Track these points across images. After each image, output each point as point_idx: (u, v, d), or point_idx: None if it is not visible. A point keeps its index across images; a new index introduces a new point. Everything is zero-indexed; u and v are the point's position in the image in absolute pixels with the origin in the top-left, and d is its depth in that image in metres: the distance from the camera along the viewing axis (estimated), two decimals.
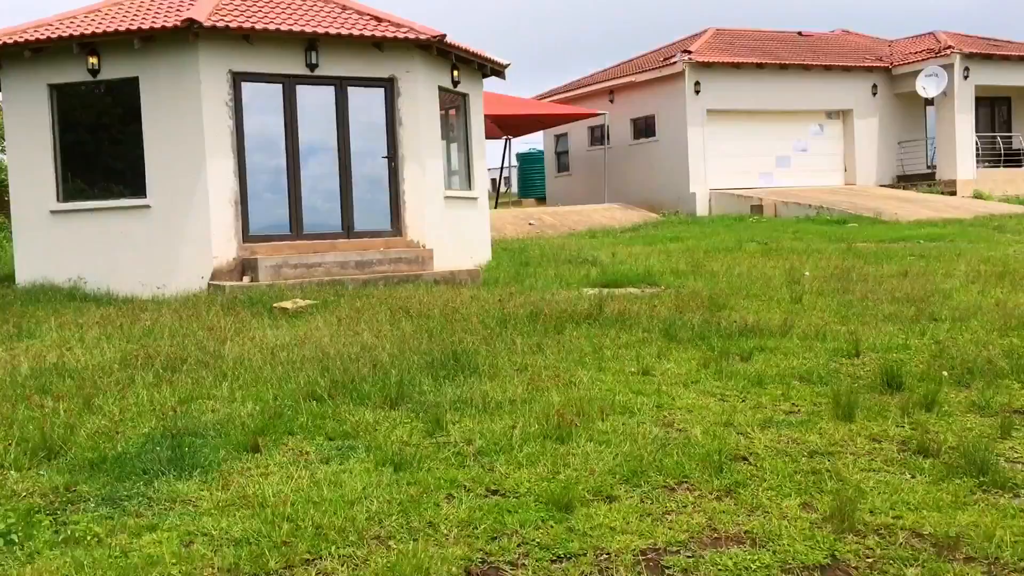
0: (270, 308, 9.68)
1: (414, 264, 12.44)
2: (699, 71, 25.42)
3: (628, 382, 6.30)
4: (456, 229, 14.44)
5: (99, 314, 9.71)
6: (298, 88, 12.71)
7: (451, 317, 8.46)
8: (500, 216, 23.20)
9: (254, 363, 6.83)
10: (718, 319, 8.48)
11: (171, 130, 12.18)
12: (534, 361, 6.88)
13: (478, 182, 15.55)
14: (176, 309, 9.79)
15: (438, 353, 6.88)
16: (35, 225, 12.67)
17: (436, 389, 6.09)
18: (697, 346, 7.47)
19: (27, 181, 12.68)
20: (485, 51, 15.24)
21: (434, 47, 13.32)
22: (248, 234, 12.40)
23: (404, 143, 13.32)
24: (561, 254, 15.63)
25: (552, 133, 31.84)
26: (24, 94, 12.61)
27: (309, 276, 11.77)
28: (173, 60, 12.10)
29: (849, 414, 5.46)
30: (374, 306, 9.39)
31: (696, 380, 6.42)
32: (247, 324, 8.76)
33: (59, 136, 12.61)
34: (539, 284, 11.85)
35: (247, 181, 12.40)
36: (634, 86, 27.23)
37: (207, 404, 5.87)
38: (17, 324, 9.26)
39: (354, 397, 5.89)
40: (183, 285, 11.87)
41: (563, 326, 8.17)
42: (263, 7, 12.88)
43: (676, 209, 25.58)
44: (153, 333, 8.31)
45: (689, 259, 14.33)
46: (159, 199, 12.26)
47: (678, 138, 25.71)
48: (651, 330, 8.03)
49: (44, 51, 12.30)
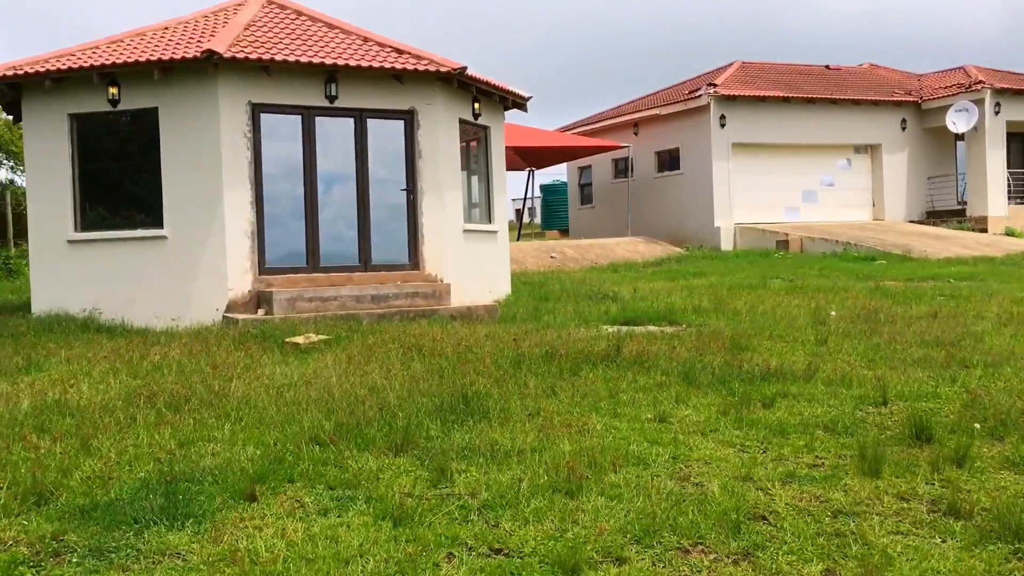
0: (281, 343, 9.52)
1: (431, 299, 12.27)
2: (725, 104, 25.25)
3: (643, 430, 6.05)
4: (475, 263, 14.27)
5: (109, 347, 9.59)
6: (317, 120, 12.64)
7: (464, 356, 8.25)
8: (522, 248, 23.04)
9: (259, 403, 6.65)
10: (740, 361, 8.21)
11: (189, 161, 12.13)
12: (547, 405, 6.65)
13: (498, 215, 15.40)
14: (187, 343, 9.64)
15: (448, 395, 6.67)
16: (52, 254, 12.63)
17: (444, 435, 5.87)
18: (717, 391, 7.21)
19: (45, 210, 12.66)
20: (507, 84, 15.15)
21: (455, 79, 13.23)
22: (264, 266, 12.29)
23: (423, 176, 13.20)
24: (581, 289, 15.42)
25: (576, 165, 31.76)
26: (45, 123, 12.62)
27: (324, 310, 11.62)
28: (192, 91, 12.07)
29: (876, 469, 5.18)
30: (386, 343, 9.20)
31: (715, 428, 6.16)
32: (257, 360, 8.59)
33: (78, 165, 12.60)
34: (557, 321, 11.63)
35: (264, 213, 12.31)
36: (659, 119, 27.10)
37: (207, 447, 5.68)
38: (27, 356, 9.15)
39: (358, 442, 5.68)
40: (198, 317, 11.76)
41: (579, 367, 7.94)
42: (284, 38, 12.87)
43: (700, 243, 25.31)
44: (161, 369, 8.15)
45: (712, 296, 14.06)
46: (175, 230, 12.19)
47: (703, 171, 25.50)
48: (670, 373, 7.78)
49: (65, 81, 12.32)
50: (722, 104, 25.21)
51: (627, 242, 24.81)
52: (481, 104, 14.49)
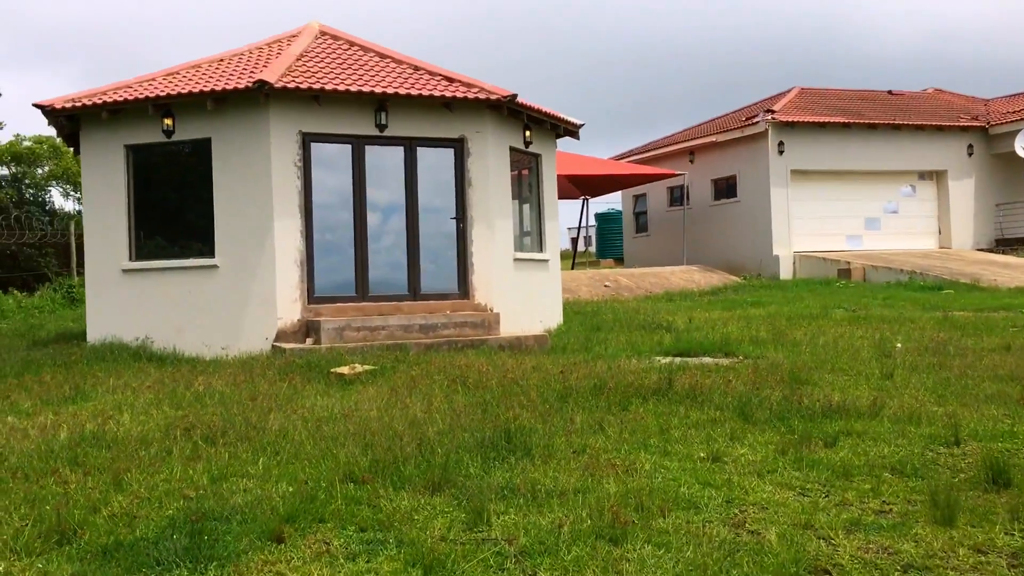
0: (327, 373, 9.36)
1: (479, 328, 12.05)
2: (783, 131, 24.77)
3: (696, 470, 5.71)
4: (526, 292, 14.04)
5: (156, 376, 9.53)
6: (367, 148, 12.58)
7: (509, 389, 7.98)
8: (575, 277, 22.77)
9: (297, 437, 6.46)
10: (799, 396, 7.82)
11: (240, 190, 12.14)
12: (593, 442, 6.34)
13: (549, 244, 15.16)
14: (232, 373, 9.54)
15: (490, 431, 6.40)
16: (107, 283, 12.71)
17: (484, 473, 5.61)
18: (775, 428, 6.83)
19: (101, 239, 12.77)
20: (559, 111, 14.97)
21: (505, 107, 13.07)
22: (313, 295, 12.20)
23: (473, 204, 13.04)
24: (635, 319, 15.07)
25: (631, 193, 31.44)
26: (101, 154, 12.75)
27: (372, 339, 11.47)
28: (244, 121, 12.09)
29: (949, 517, 4.78)
30: (432, 374, 8.99)
31: (773, 469, 5.79)
32: (300, 391, 8.44)
33: (133, 196, 12.70)
34: (608, 352, 11.31)
35: (314, 242, 12.25)
36: (715, 146, 26.69)
37: (240, 483, 5.49)
38: (75, 385, 9.13)
39: (395, 479, 5.44)
40: (247, 346, 11.71)
41: (629, 401, 7.62)
42: (335, 68, 12.86)
43: (758, 272, 24.77)
44: (203, 399, 8.03)
45: (770, 326, 13.61)
46: (227, 259, 12.18)
47: (761, 199, 25.01)
48: (724, 408, 7.42)
49: (121, 112, 12.44)
50: (780, 130, 24.73)
51: (682, 271, 24.37)
52: (532, 132, 14.31)
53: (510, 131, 13.87)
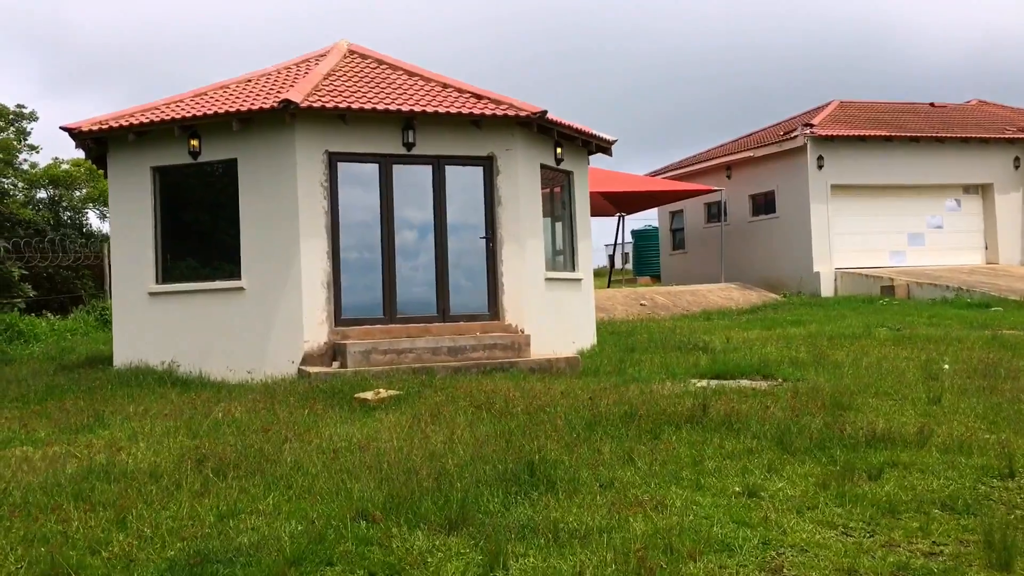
0: (350, 399, 9.12)
1: (509, 351, 11.75)
2: (822, 145, 24.27)
3: (730, 507, 5.35)
4: (558, 312, 13.73)
5: (176, 403, 9.34)
6: (395, 167, 12.38)
7: (535, 417, 7.66)
8: (611, 296, 22.41)
9: (312, 469, 6.20)
10: (841, 423, 7.42)
11: (266, 211, 11.99)
12: (622, 475, 6.01)
13: (582, 263, 14.85)
14: (254, 399, 9.33)
15: (513, 463, 6.09)
16: (133, 306, 12.62)
17: (504, 510, 5.30)
18: (816, 458, 6.45)
19: (128, 262, 12.68)
20: (591, 127, 14.68)
21: (535, 124, 12.81)
22: (340, 317, 11.99)
23: (503, 223, 12.78)
24: (671, 339, 14.69)
25: (667, 210, 31.03)
26: (129, 177, 12.69)
27: (399, 362, 11.22)
28: (270, 141, 11.96)
29: (1006, 560, 4.40)
30: (457, 400, 8.70)
31: (813, 505, 5.42)
32: (320, 418, 8.19)
33: (160, 218, 12.61)
34: (642, 374, 10.95)
35: (340, 263, 12.06)
36: (753, 161, 26.24)
37: (248, 521, 5.23)
38: (95, 412, 8.97)
39: (410, 517, 5.15)
40: (274, 370, 11.51)
41: (661, 430, 7.27)
42: (362, 87, 12.70)
43: (799, 290, 24.23)
44: (220, 428, 7.81)
45: (810, 347, 13.16)
46: (253, 281, 12.02)
47: (800, 215, 24.49)
48: (761, 436, 7.04)
49: (148, 134, 12.37)
50: (819, 145, 24.23)
51: (720, 288, 23.90)
52: (563, 149, 14.04)
53: (540, 148, 13.61)
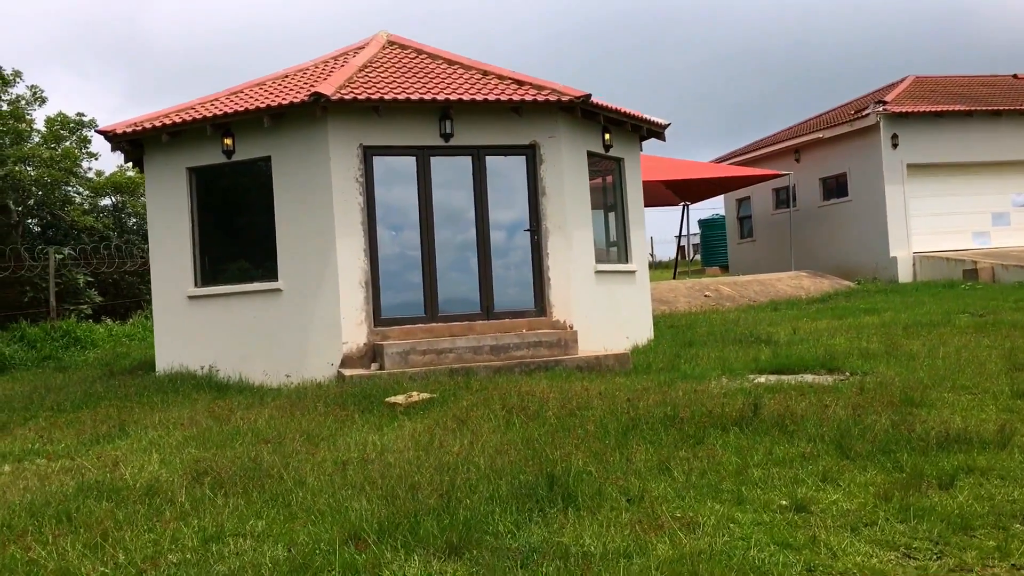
0: (380, 404, 8.63)
1: (555, 348, 11.14)
2: (896, 122, 23.02)
3: (773, 525, 4.67)
4: (610, 306, 13.06)
5: (204, 411, 8.98)
6: (432, 160, 11.87)
7: (566, 421, 7.05)
8: (674, 288, 21.59)
9: (315, 485, 5.69)
10: (911, 422, 6.64)
11: (301, 209, 11.60)
12: (654, 488, 5.36)
13: (636, 254, 14.13)
14: (282, 405, 8.91)
15: (532, 475, 5.50)
16: (173, 311, 12.37)
17: (515, 530, 4.71)
18: (879, 464, 5.71)
19: (167, 266, 12.44)
20: (640, 112, 13.96)
21: (578, 109, 12.16)
22: (379, 317, 11.54)
23: (548, 214, 12.16)
24: (732, 331, 13.89)
25: (734, 197, 29.96)
26: (165, 178, 12.44)
27: (439, 363, 10.71)
28: (303, 137, 11.56)
29: None
30: (491, 402, 8.13)
31: (871, 521, 4.71)
32: (343, 426, 7.71)
33: (197, 220, 12.32)
34: (697, 371, 10.24)
35: (379, 261, 11.59)
36: (822, 143, 25.07)
37: (234, 544, 4.75)
38: (121, 422, 8.68)
39: (409, 540, 4.60)
40: (313, 373, 11.11)
41: (705, 434, 6.59)
42: (399, 77, 12.22)
43: (874, 276, 23.04)
44: (237, 438, 7.39)
45: (883, 337, 12.24)
46: (290, 282, 11.65)
47: (874, 197, 23.28)
48: (818, 440, 6.31)
49: (182, 134, 12.10)
50: (893, 122, 22.98)
51: (790, 277, 22.86)
52: (612, 134, 13.36)
53: (587, 135, 12.95)
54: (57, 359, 15.80)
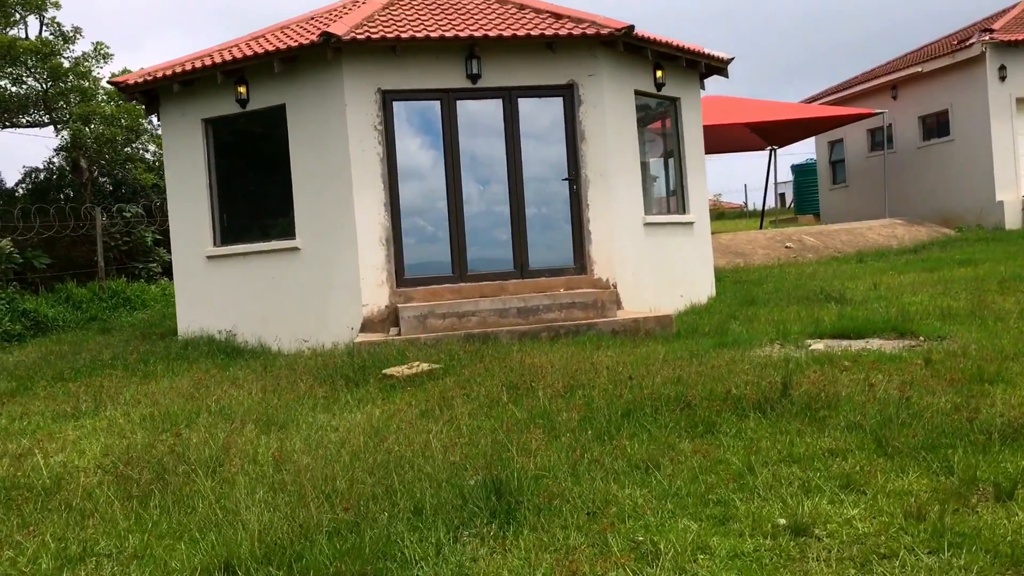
0: (378, 376, 7.78)
1: (590, 310, 10.07)
2: (1004, 52, 20.76)
3: (754, 558, 3.60)
4: (662, 262, 11.88)
5: (191, 382, 8.28)
6: (459, 104, 10.83)
7: (557, 402, 6.03)
8: (753, 239, 20.10)
9: (241, 481, 4.86)
10: (976, 406, 5.41)
11: (317, 161, 10.76)
12: (627, 496, 4.32)
13: (694, 203, 12.84)
14: (277, 374, 8.16)
15: (482, 477, 4.53)
16: (193, 272, 11.77)
17: (433, 555, 3.77)
18: (923, 464, 4.55)
19: (185, 226, 11.82)
20: (700, 46, 12.59)
21: (620, 43, 10.91)
22: (403, 277, 10.66)
23: (588, 161, 11.02)
24: (802, 288, 12.53)
25: (825, 140, 27.91)
26: (180, 132, 11.76)
27: (460, 327, 9.79)
28: (317, 82, 10.67)
29: None
30: (493, 375, 7.17)
31: (891, 553, 3.59)
32: (326, 402, 6.89)
33: (215, 176, 11.63)
34: (747, 336, 9.04)
35: (401, 216, 10.68)
36: (921, 78, 22.92)
37: (92, 568, 3.94)
38: (99, 394, 8.05)
39: (292, 569, 3.71)
40: (332, 337, 10.33)
41: (717, 419, 5.49)
42: (424, 15, 11.19)
43: (978, 223, 21.02)
44: (200, 416, 6.63)
45: (973, 294, 10.75)
46: (308, 241, 10.86)
47: (979, 136, 21.15)
48: (854, 429, 5.15)
49: (195, 84, 11.37)
50: (1001, 52, 20.73)
51: (882, 225, 21.05)
52: (665, 72, 12.05)
53: (634, 72, 11.68)
54: (103, 321, 15.51)
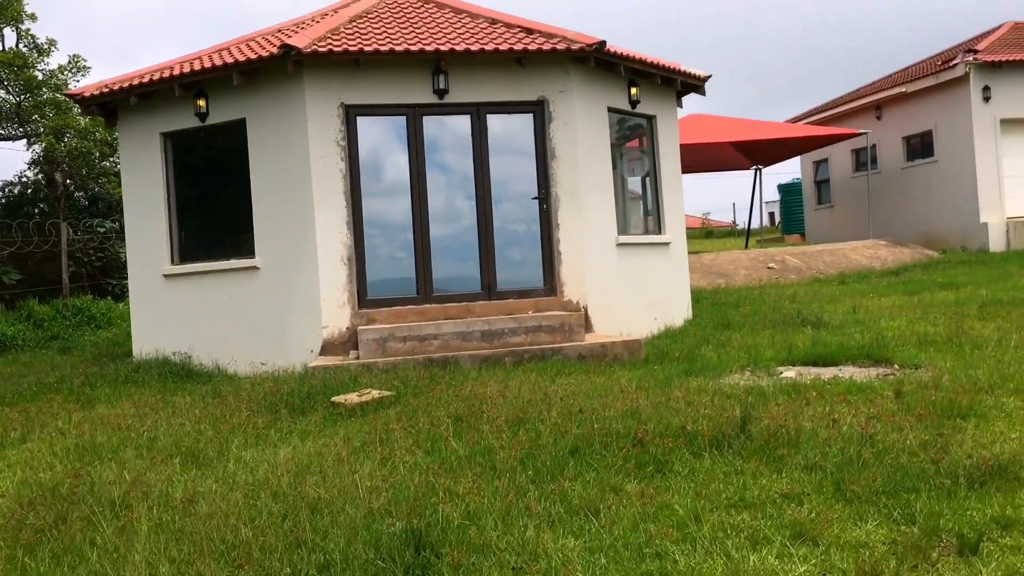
0: (326, 403, 7.41)
1: (557, 333, 9.72)
2: (988, 73, 20.60)
3: None
4: (635, 284, 11.54)
5: (128, 408, 7.90)
6: (425, 120, 10.51)
7: (501, 438, 5.65)
8: (735, 259, 19.81)
9: (145, 528, 4.48)
10: (945, 443, 5.07)
11: (278, 177, 10.41)
12: (560, 547, 3.96)
13: (670, 223, 12.52)
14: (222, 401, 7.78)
15: (404, 525, 4.16)
16: (149, 291, 11.37)
17: None
18: (883, 511, 4.20)
19: (142, 243, 11.43)
20: (677, 63, 12.30)
21: (592, 59, 10.62)
22: (365, 298, 10.29)
23: (559, 180, 10.69)
24: (779, 311, 12.22)
25: (810, 159, 27.71)
26: (139, 146, 11.38)
27: (422, 350, 9.43)
28: (277, 96, 10.34)
29: None
30: (443, 404, 6.81)
31: None
32: (267, 432, 6.51)
33: (173, 191, 11.26)
34: (717, 362, 8.71)
35: (364, 235, 10.33)
36: (906, 98, 22.75)
37: None
38: (28, 423, 7.66)
39: None
40: (291, 360, 9.95)
41: (670, 457, 5.14)
42: (393, 28, 10.88)
43: (962, 244, 20.80)
44: (131, 445, 6.25)
45: (952, 318, 10.45)
46: (267, 259, 10.50)
47: (963, 157, 20.95)
48: (812, 469, 4.81)
49: (154, 97, 11.02)
50: (985, 73, 20.56)
51: (866, 246, 20.79)
52: (640, 89, 11.75)
53: (607, 89, 11.39)
54: (64, 340, 15.10)
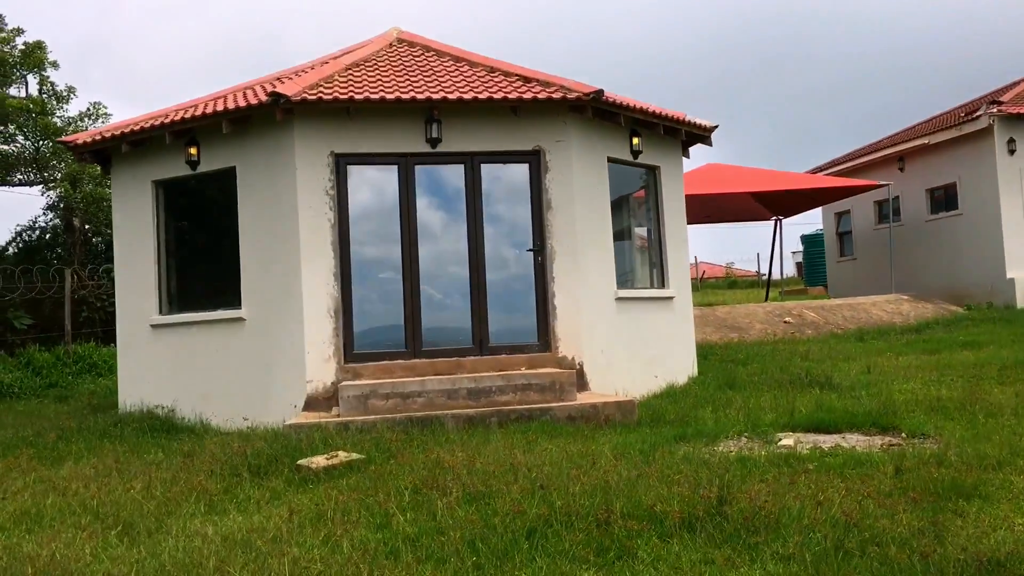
0: (291, 467, 7.02)
1: (548, 392, 9.29)
2: (1013, 125, 20.09)
3: None
4: (635, 340, 11.11)
5: (91, 467, 7.55)
6: (417, 169, 10.23)
7: (455, 514, 5.22)
8: (751, 312, 19.29)
9: None
10: (941, 530, 4.58)
11: (265, 226, 10.15)
12: None
13: (674, 278, 12.10)
14: (185, 462, 7.41)
15: None
16: (136, 341, 11.10)
17: None
18: None
19: (131, 291, 11.18)
20: (681, 112, 11.98)
21: (589, 108, 10.31)
22: (352, 351, 9.94)
23: (554, 232, 10.34)
24: (788, 369, 11.70)
25: (832, 211, 27.21)
26: (130, 193, 11.20)
27: (405, 408, 9.03)
28: (267, 144, 10.12)
29: None
30: (408, 473, 6.39)
31: None
32: (220, 499, 6.12)
33: (163, 239, 11.04)
34: (714, 426, 8.24)
35: (352, 287, 10.01)
36: (929, 149, 22.26)
37: None
38: None
39: None
40: (275, 416, 9.57)
41: (636, 542, 4.68)
42: (389, 76, 10.66)
43: (988, 301, 20.13)
44: (75, 512, 5.88)
45: (968, 382, 9.91)
46: (253, 310, 10.20)
47: (988, 209, 20.38)
48: (790, 560, 4.34)
49: (146, 144, 10.85)
50: (1010, 125, 20.06)
51: (887, 301, 20.19)
52: (642, 139, 11.43)
53: (607, 139, 11.07)
54: (62, 388, 14.85)
